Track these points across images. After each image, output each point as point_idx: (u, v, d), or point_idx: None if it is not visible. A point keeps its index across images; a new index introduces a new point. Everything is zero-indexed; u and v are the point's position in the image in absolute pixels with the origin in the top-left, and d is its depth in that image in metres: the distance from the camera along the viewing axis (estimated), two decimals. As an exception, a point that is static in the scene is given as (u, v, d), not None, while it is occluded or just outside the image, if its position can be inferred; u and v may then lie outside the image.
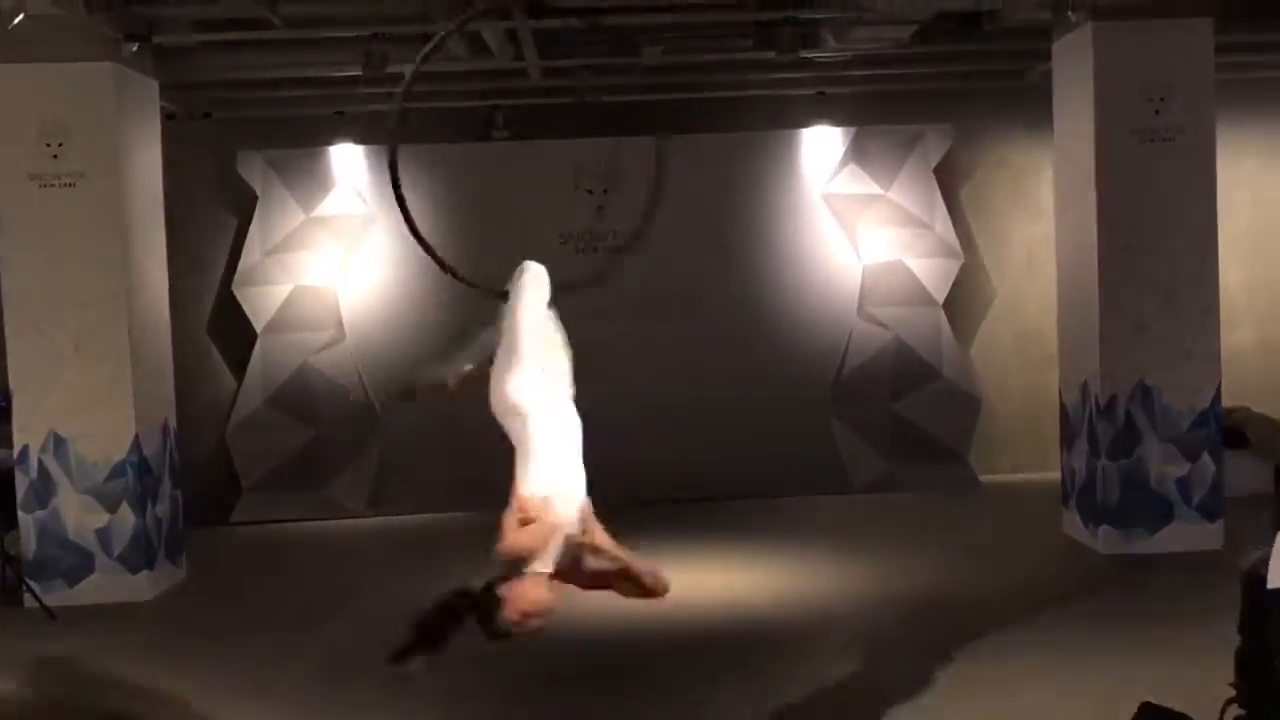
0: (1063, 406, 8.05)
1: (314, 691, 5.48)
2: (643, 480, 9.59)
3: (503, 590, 3.56)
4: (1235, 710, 2.56)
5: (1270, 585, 2.49)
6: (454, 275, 4.11)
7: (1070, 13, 7.38)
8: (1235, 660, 2.59)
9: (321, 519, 9.62)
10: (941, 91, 9.93)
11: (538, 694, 5.45)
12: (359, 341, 9.81)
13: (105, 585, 7.21)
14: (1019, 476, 10.07)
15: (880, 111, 10.04)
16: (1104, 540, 7.45)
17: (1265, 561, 2.49)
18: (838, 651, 5.70)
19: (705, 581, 7.21)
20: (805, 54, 8.11)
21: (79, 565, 7.22)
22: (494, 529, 3.76)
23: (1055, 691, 5.01)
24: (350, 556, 8.48)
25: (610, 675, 5.60)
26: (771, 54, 7.84)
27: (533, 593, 3.55)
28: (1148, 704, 2.61)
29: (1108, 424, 7.44)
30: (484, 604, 3.56)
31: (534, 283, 4.02)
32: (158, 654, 6.17)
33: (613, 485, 10.63)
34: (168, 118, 8.82)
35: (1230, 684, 2.61)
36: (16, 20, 6.08)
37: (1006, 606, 6.36)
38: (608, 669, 5.69)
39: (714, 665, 5.63)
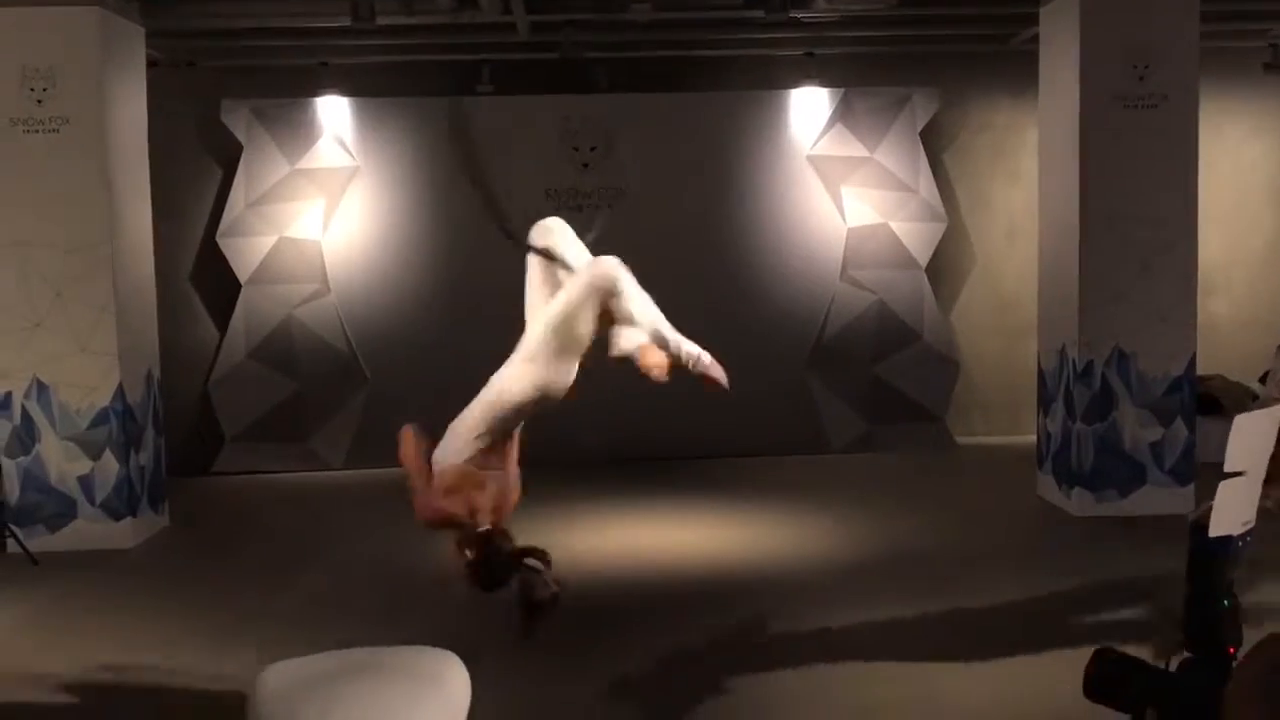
0: (1040, 370, 8.15)
1: (290, 634, 5.55)
2: (623, 440, 9.69)
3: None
4: (1182, 653, 2.68)
5: (1211, 534, 2.60)
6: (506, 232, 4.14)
7: (1058, -23, 7.41)
8: (1183, 605, 2.71)
9: (302, 471, 9.67)
10: (929, 54, 9.96)
11: (507, 647, 5.52)
12: (342, 295, 9.81)
13: (88, 532, 7.25)
14: (994, 439, 10.20)
15: (868, 74, 10.06)
16: (1077, 502, 7.58)
17: (1210, 513, 2.62)
18: (805, 609, 5.79)
19: (682, 538, 7.32)
20: (794, 14, 8.11)
21: (61, 512, 7.26)
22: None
23: (1024, 648, 5.13)
24: (329, 508, 8.53)
25: (580, 630, 5.69)
26: (761, 13, 7.83)
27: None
28: (1104, 648, 2.71)
29: (1084, 388, 7.54)
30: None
31: (555, 237, 4.09)
32: (139, 599, 6.24)
33: (590, 442, 10.75)
34: (151, 65, 8.76)
35: (1181, 626, 2.74)
36: (1, -38, 6.03)
37: (978, 565, 6.48)
38: (577, 623, 5.78)
39: (679, 620, 5.70)
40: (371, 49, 9.30)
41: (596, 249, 4.44)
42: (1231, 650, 2.56)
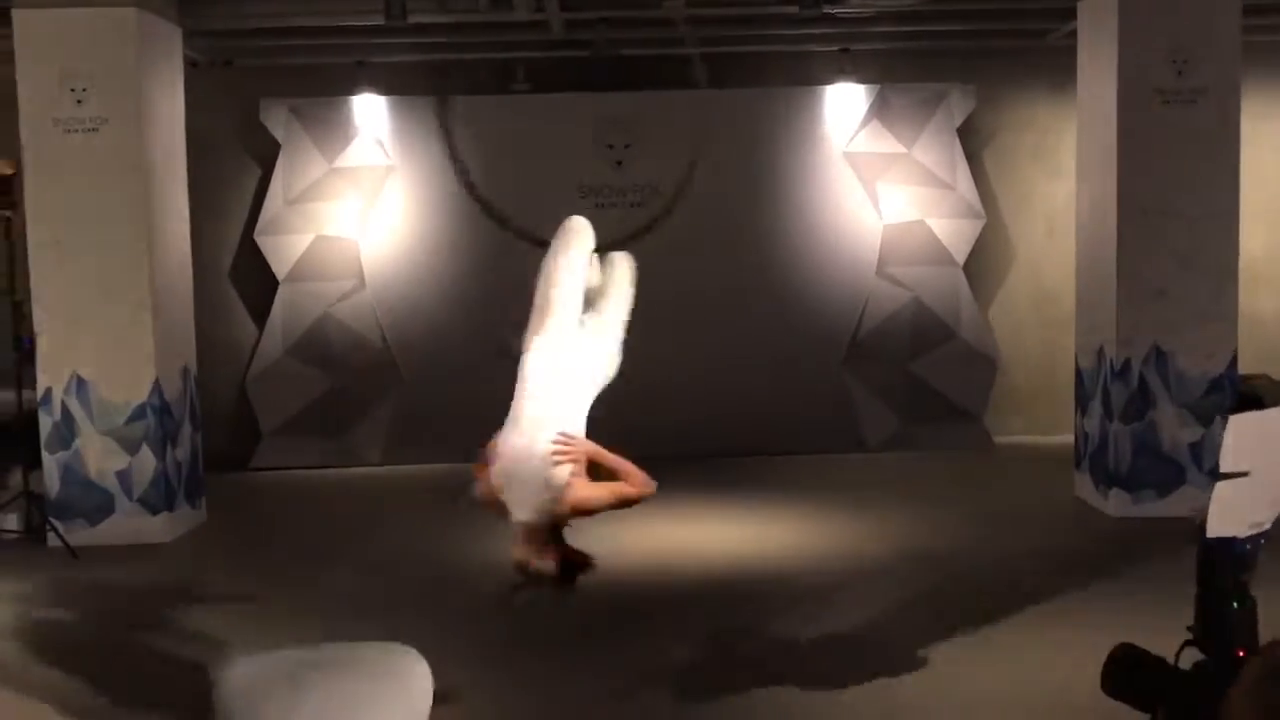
0: (1078, 369, 8.05)
1: (317, 628, 5.60)
2: (657, 436, 9.65)
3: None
4: (1193, 652, 2.64)
5: (1208, 535, 2.56)
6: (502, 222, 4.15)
7: (1096, -29, 7.31)
8: (1195, 605, 2.67)
9: (338, 467, 9.76)
10: (966, 50, 9.86)
11: (544, 640, 5.54)
12: (378, 292, 9.89)
13: (125, 526, 7.35)
14: (1032, 438, 10.09)
15: (904, 70, 9.98)
16: (1114, 503, 7.47)
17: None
18: (843, 607, 5.76)
19: (715, 536, 7.30)
20: (828, 9, 8.07)
21: (100, 505, 7.37)
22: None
23: (1054, 648, 5.07)
24: (364, 503, 8.60)
25: (615, 627, 5.69)
26: (795, 8, 7.80)
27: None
28: (1124, 644, 2.67)
29: (1122, 387, 7.44)
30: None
31: (577, 237, 4.09)
32: (173, 592, 6.32)
33: (624, 439, 10.74)
34: (191, 65, 8.87)
35: (1188, 627, 2.69)
36: (40, -35, 6.13)
37: (1013, 566, 6.42)
38: (612, 620, 5.79)
39: (711, 617, 5.70)
40: (407, 48, 9.35)
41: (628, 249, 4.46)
42: (1242, 653, 2.52)
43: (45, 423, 7.35)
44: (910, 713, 4.51)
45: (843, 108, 9.89)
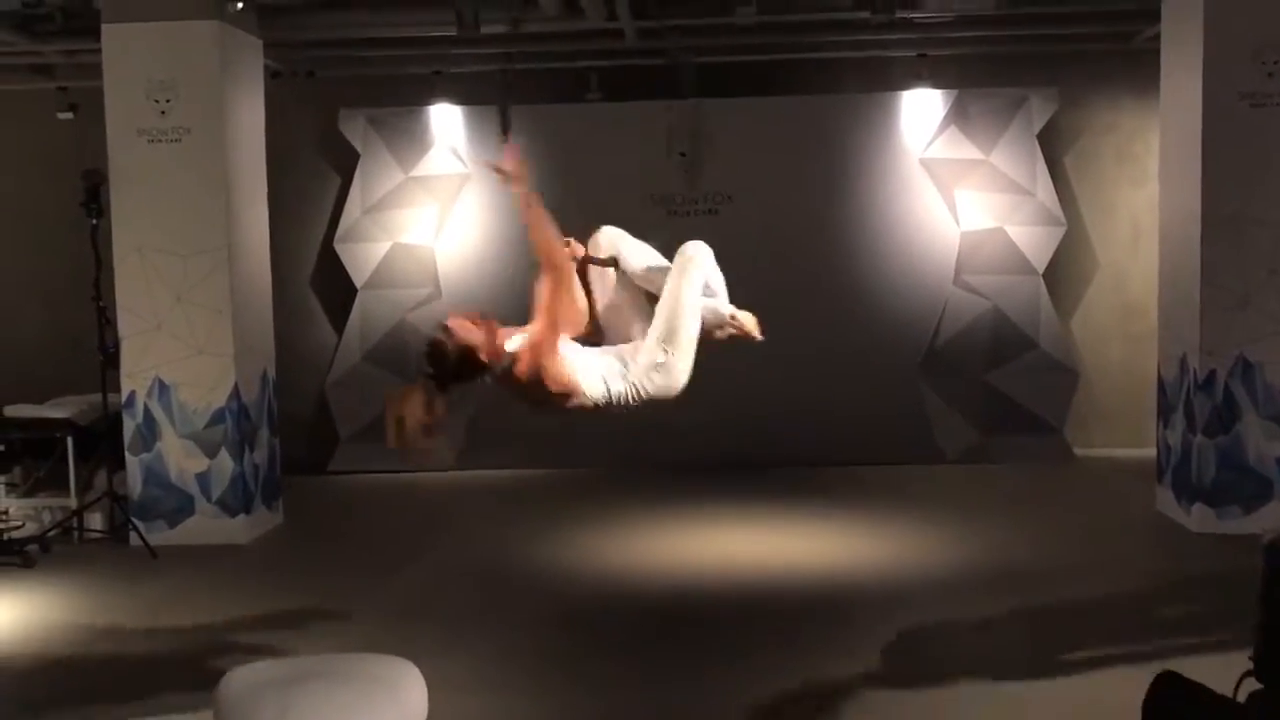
0: (1160, 380, 7.83)
1: (387, 629, 5.66)
2: (731, 444, 9.65)
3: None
4: (1252, 683, 2.51)
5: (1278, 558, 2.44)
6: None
7: (1180, -29, 7.12)
8: (1254, 633, 2.54)
9: (414, 471, 9.86)
10: (1046, 54, 9.66)
11: (611, 650, 5.54)
12: (454, 299, 9.97)
13: (204, 527, 7.51)
14: (1115, 451, 9.84)
15: (983, 74, 9.82)
16: (1197, 518, 7.25)
17: None
18: (917, 623, 5.66)
19: (787, 547, 7.24)
20: (903, 14, 7.97)
21: (180, 507, 7.54)
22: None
23: (1136, 669, 4.92)
24: (439, 507, 8.69)
25: (683, 637, 5.67)
26: (867, 14, 7.72)
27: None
28: (1167, 672, 2.57)
29: (1205, 399, 7.22)
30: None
31: (695, 263, 4.15)
32: (245, 593, 6.44)
33: (695, 446, 10.78)
34: (272, 76, 9.06)
35: (1249, 656, 2.56)
36: (125, -20, 6.30)
37: (1089, 582, 6.26)
38: (679, 630, 5.76)
39: (787, 632, 5.64)
40: (482, 58, 9.45)
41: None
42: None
43: (128, 425, 7.54)
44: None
45: (920, 113, 9.76)
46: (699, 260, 4.21)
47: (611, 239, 4.33)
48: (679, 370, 4.18)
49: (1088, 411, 10.02)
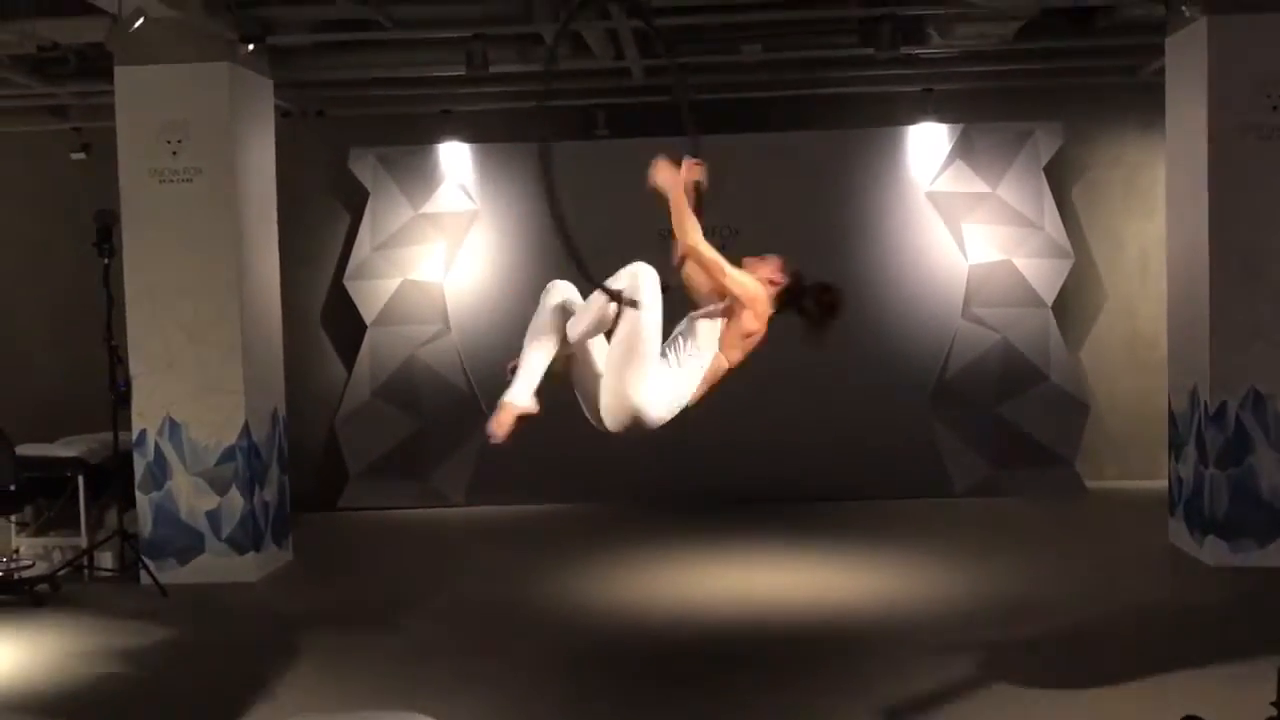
0: (1171, 413, 7.81)
1: (394, 674, 5.64)
2: (739, 479, 9.62)
3: None
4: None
5: None
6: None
7: (1184, 7, 7.15)
8: (1277, 677, 2.51)
9: (423, 507, 9.87)
10: (1052, 88, 9.71)
11: (623, 689, 5.51)
12: (463, 335, 10.02)
13: (214, 565, 7.51)
14: (1127, 484, 9.81)
15: (989, 109, 9.86)
16: (1210, 551, 7.21)
17: None
18: (930, 658, 5.63)
19: (798, 582, 7.21)
20: (908, 50, 8.02)
21: (190, 545, 7.54)
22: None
23: (1150, 705, 4.88)
24: (448, 545, 8.68)
25: (695, 674, 5.64)
26: (872, 51, 7.77)
27: None
28: (1190, 717, 2.54)
29: (1217, 431, 7.19)
30: None
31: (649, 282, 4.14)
32: (252, 632, 6.43)
33: (705, 481, 10.75)
34: (283, 115, 9.14)
35: (1271, 702, 2.53)
36: (137, 24, 6.37)
37: (1103, 617, 6.22)
38: (692, 670, 5.73)
39: (801, 668, 5.62)
40: (491, 96, 9.52)
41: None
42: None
43: (139, 464, 7.56)
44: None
45: (926, 147, 9.80)
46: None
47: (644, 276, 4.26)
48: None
49: (1099, 443, 9.99)
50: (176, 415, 7.52)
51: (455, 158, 10.00)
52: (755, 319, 4.29)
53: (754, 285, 4.30)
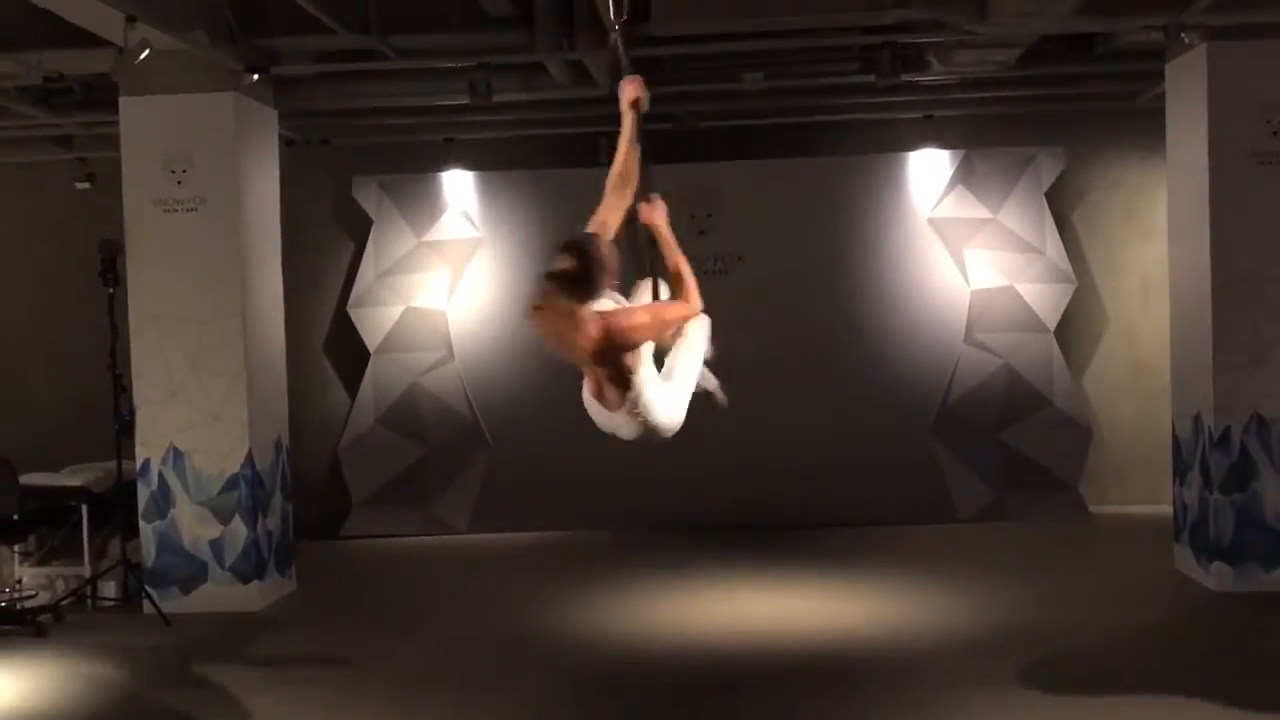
0: (1174, 438, 7.80)
1: (397, 703, 5.62)
2: (743, 506, 9.61)
3: None
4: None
5: None
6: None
7: (1183, 34, 7.18)
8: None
9: (426, 535, 9.85)
10: (1052, 114, 9.75)
11: (627, 716, 5.49)
12: (466, 362, 10.03)
13: (217, 594, 7.50)
14: (1130, 508, 9.78)
15: (990, 134, 9.90)
16: (1216, 577, 7.19)
17: None
18: (935, 685, 5.61)
19: (802, 609, 7.18)
20: (909, 77, 8.06)
21: (194, 574, 7.53)
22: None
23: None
24: (451, 573, 8.65)
25: (698, 702, 5.62)
26: (873, 78, 7.81)
27: None
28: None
29: (1221, 456, 7.18)
30: None
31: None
32: (255, 661, 6.41)
33: (709, 508, 10.73)
34: (287, 144, 9.19)
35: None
36: (143, 56, 6.41)
37: (1112, 643, 6.20)
38: (695, 694, 5.71)
39: (805, 695, 5.59)
40: (494, 124, 9.56)
41: (713, 313, 4.48)
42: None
43: (143, 493, 7.56)
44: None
45: (927, 173, 9.83)
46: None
47: None
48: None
49: (1102, 468, 9.97)
50: (180, 444, 7.52)
51: (458, 185, 10.04)
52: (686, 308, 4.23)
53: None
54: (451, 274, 10.06)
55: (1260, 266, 7.12)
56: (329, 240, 10.38)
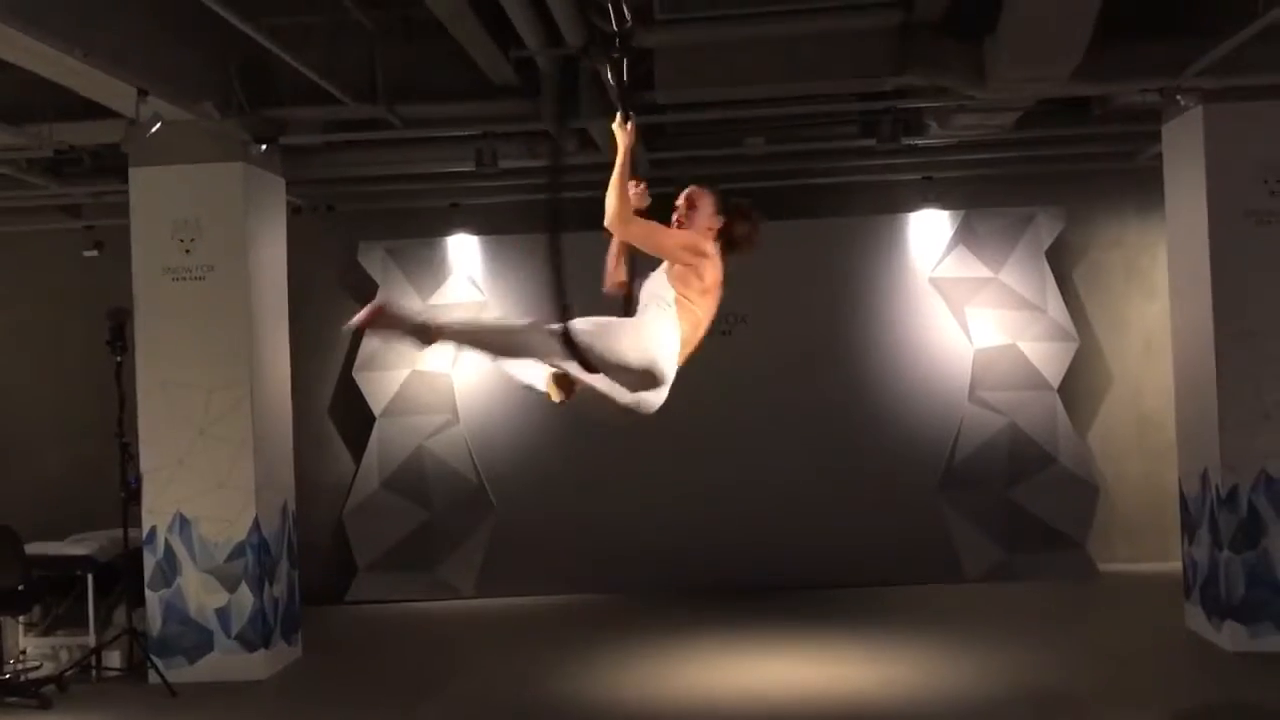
0: (1182, 496, 7.79)
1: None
2: (748, 568, 9.57)
3: None
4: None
5: None
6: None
7: (1179, 96, 7.28)
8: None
9: (432, 599, 9.79)
10: (1051, 174, 9.84)
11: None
12: (471, 426, 10.03)
13: (223, 663, 7.44)
14: (1140, 567, 9.74)
15: (989, 195, 9.98)
16: (1229, 636, 7.15)
17: None
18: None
19: (813, 673, 7.13)
20: (908, 141, 8.16)
21: (199, 643, 7.48)
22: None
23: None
24: (457, 638, 8.60)
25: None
26: (873, 142, 7.90)
27: None
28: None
29: (1230, 514, 7.17)
30: None
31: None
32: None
33: (715, 570, 10.68)
34: (294, 211, 9.26)
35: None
36: (154, 129, 6.49)
37: (1121, 704, 6.15)
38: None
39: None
40: (499, 190, 9.66)
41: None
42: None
43: (149, 561, 7.53)
44: None
45: (928, 233, 9.91)
46: None
47: None
48: None
49: (1110, 526, 9.94)
50: (187, 511, 7.51)
51: (463, 250, 10.12)
52: (711, 269, 4.18)
53: (697, 239, 4.19)
54: (457, 337, 10.08)
55: (1263, 325, 7.16)
56: (335, 305, 10.38)
